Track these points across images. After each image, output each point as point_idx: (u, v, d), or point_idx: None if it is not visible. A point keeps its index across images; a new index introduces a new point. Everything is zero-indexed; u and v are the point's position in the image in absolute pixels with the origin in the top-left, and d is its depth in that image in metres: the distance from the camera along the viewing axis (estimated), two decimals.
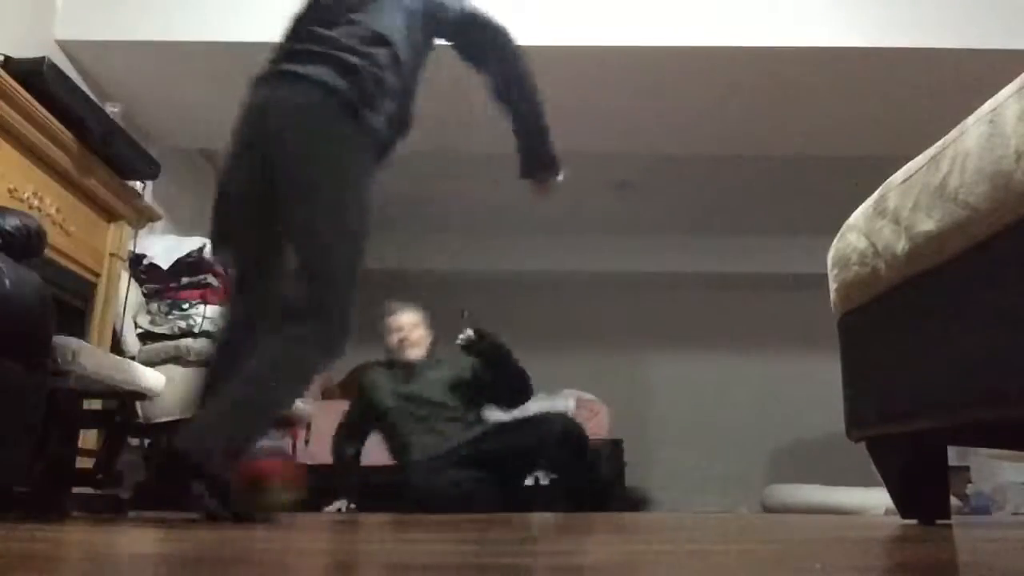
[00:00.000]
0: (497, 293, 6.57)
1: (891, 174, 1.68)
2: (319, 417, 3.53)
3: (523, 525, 1.86)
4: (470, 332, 3.28)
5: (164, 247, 3.34)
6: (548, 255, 6.19)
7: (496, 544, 1.26)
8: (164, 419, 3.02)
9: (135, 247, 3.11)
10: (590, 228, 6.04)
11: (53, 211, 2.49)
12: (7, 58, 2.34)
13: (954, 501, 3.42)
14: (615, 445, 5.70)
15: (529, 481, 3.40)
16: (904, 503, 1.88)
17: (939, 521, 1.82)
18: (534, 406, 5.51)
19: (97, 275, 2.79)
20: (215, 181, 5.25)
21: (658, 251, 6.18)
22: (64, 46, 3.34)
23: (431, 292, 6.70)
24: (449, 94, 3.77)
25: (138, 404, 2.78)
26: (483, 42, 2.21)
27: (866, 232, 1.71)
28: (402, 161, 5.63)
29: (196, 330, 3.16)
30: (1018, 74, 1.32)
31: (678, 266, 6.20)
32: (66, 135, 2.49)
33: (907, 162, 1.62)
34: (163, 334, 3.18)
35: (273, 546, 1.25)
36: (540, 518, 2.17)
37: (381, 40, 1.99)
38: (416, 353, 3.31)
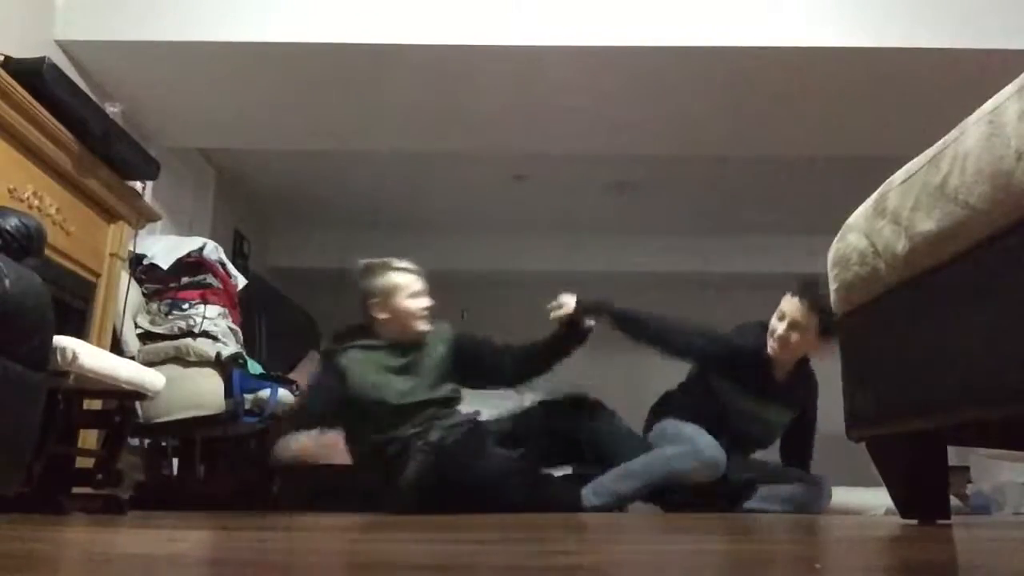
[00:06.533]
0: (497, 293, 6.56)
1: (891, 174, 1.68)
2: None
3: (522, 525, 1.86)
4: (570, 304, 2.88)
5: (164, 247, 3.34)
6: (548, 255, 6.18)
7: (496, 544, 1.25)
8: (164, 419, 3.03)
9: (135, 247, 3.11)
10: (590, 228, 6.03)
11: (53, 211, 2.49)
12: (7, 58, 2.34)
13: (954, 501, 3.41)
14: None
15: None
16: (904, 503, 1.87)
17: (939, 521, 1.82)
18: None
19: (97, 275, 2.79)
20: (215, 181, 5.26)
21: (658, 251, 6.17)
22: (64, 46, 3.34)
23: (431, 292, 6.64)
24: (449, 94, 3.78)
25: (138, 404, 2.78)
26: None
27: (866, 232, 1.71)
28: (402, 161, 5.65)
29: (196, 330, 3.17)
30: (1018, 74, 1.32)
31: (678, 266, 6.19)
32: (66, 135, 2.49)
33: (907, 162, 1.62)
34: (163, 334, 3.18)
35: (273, 546, 1.25)
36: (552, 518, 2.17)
37: None
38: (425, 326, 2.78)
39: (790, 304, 2.90)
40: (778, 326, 2.90)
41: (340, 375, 2.65)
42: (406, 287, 2.75)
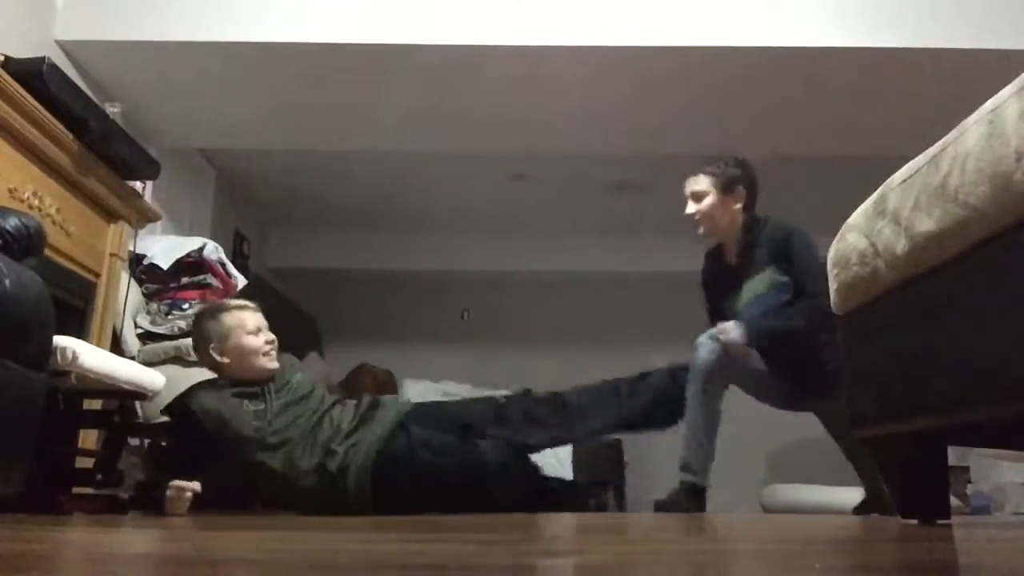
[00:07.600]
0: (497, 293, 6.57)
1: (891, 174, 1.68)
2: None
3: (521, 525, 1.86)
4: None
5: (164, 247, 3.34)
6: (548, 255, 6.18)
7: (494, 544, 1.25)
8: (164, 419, 3.02)
9: (135, 247, 3.12)
10: (590, 228, 6.03)
11: (53, 211, 2.49)
12: (7, 58, 2.34)
13: (954, 501, 3.41)
14: (615, 445, 5.71)
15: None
16: (904, 503, 1.87)
17: (939, 521, 1.82)
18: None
19: (97, 275, 2.79)
20: (215, 181, 5.26)
21: (658, 251, 6.17)
22: (64, 46, 3.34)
23: (431, 292, 6.64)
24: (449, 94, 3.78)
25: (138, 404, 2.79)
26: None
27: (866, 232, 1.71)
28: (402, 161, 5.64)
29: None
30: (1018, 74, 1.32)
31: (678, 266, 6.19)
32: (66, 135, 2.49)
33: (907, 162, 1.62)
34: (163, 334, 3.18)
35: (272, 546, 1.25)
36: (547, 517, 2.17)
37: None
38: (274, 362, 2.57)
39: (685, 182, 3.02)
40: (688, 207, 3.04)
41: (196, 421, 2.41)
42: (241, 325, 2.55)
